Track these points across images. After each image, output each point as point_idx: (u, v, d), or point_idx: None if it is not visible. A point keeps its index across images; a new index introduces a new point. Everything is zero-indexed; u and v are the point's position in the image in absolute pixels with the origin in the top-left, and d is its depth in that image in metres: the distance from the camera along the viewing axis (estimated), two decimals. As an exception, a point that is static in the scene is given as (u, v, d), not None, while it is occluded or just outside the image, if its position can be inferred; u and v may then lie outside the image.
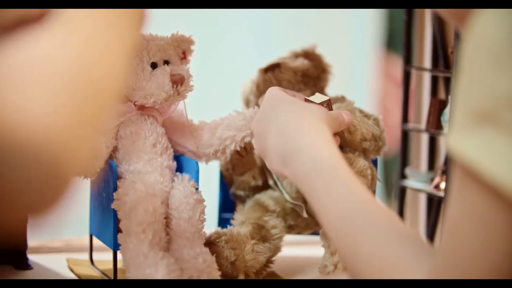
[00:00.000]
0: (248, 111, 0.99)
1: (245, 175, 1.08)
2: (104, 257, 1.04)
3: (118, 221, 0.93)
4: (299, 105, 0.84)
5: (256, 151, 0.88)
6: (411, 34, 1.22)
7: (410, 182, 1.21)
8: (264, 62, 1.10)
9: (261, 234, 1.02)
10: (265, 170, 1.08)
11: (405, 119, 1.22)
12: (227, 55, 2.18)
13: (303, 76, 1.09)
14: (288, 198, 1.04)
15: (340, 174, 0.74)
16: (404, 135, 1.23)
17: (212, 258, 0.93)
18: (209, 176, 1.07)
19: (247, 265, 0.99)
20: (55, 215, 0.54)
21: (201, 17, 1.98)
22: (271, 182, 1.08)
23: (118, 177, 0.95)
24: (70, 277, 1.01)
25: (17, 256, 1.03)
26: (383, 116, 1.01)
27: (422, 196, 1.26)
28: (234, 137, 0.98)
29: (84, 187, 1.00)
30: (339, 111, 0.89)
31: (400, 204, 1.22)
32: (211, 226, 1.03)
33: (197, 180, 0.97)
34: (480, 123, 0.53)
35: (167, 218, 0.94)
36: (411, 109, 1.27)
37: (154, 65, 0.96)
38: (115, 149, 0.97)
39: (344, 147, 0.96)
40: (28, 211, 0.53)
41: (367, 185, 0.95)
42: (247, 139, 0.98)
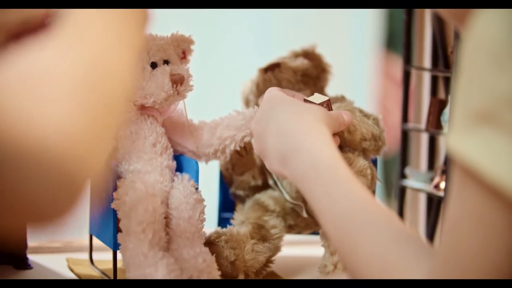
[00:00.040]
0: (248, 111, 0.99)
1: (245, 175, 1.08)
2: (104, 257, 1.04)
3: (118, 220, 0.93)
4: (298, 105, 0.84)
5: (256, 151, 0.88)
6: (411, 34, 1.22)
7: (410, 182, 1.21)
8: (264, 62, 1.10)
9: (261, 233, 1.02)
10: (264, 170, 1.08)
11: (405, 119, 1.22)
12: (227, 55, 2.18)
13: (303, 76, 1.09)
14: (288, 198, 1.04)
15: (340, 174, 0.74)
16: (404, 135, 1.23)
17: (212, 258, 0.93)
18: (209, 176, 1.07)
19: (247, 265, 0.99)
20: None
21: (201, 17, 1.98)
22: (271, 182, 1.08)
23: (118, 176, 0.95)
24: (70, 277, 1.01)
25: (17, 256, 1.03)
26: (383, 116, 1.01)
27: (422, 196, 1.26)
28: (234, 136, 0.98)
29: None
30: (339, 111, 0.89)
31: (400, 204, 1.22)
32: (211, 226, 1.03)
33: (197, 180, 0.97)
34: (480, 123, 0.53)
35: (167, 218, 0.94)
36: (411, 109, 1.27)
37: (154, 65, 0.96)
38: (114, 149, 0.97)
39: (343, 147, 0.96)
40: (43, 218, 0.53)
41: (366, 185, 0.95)
42: (247, 139, 0.98)
